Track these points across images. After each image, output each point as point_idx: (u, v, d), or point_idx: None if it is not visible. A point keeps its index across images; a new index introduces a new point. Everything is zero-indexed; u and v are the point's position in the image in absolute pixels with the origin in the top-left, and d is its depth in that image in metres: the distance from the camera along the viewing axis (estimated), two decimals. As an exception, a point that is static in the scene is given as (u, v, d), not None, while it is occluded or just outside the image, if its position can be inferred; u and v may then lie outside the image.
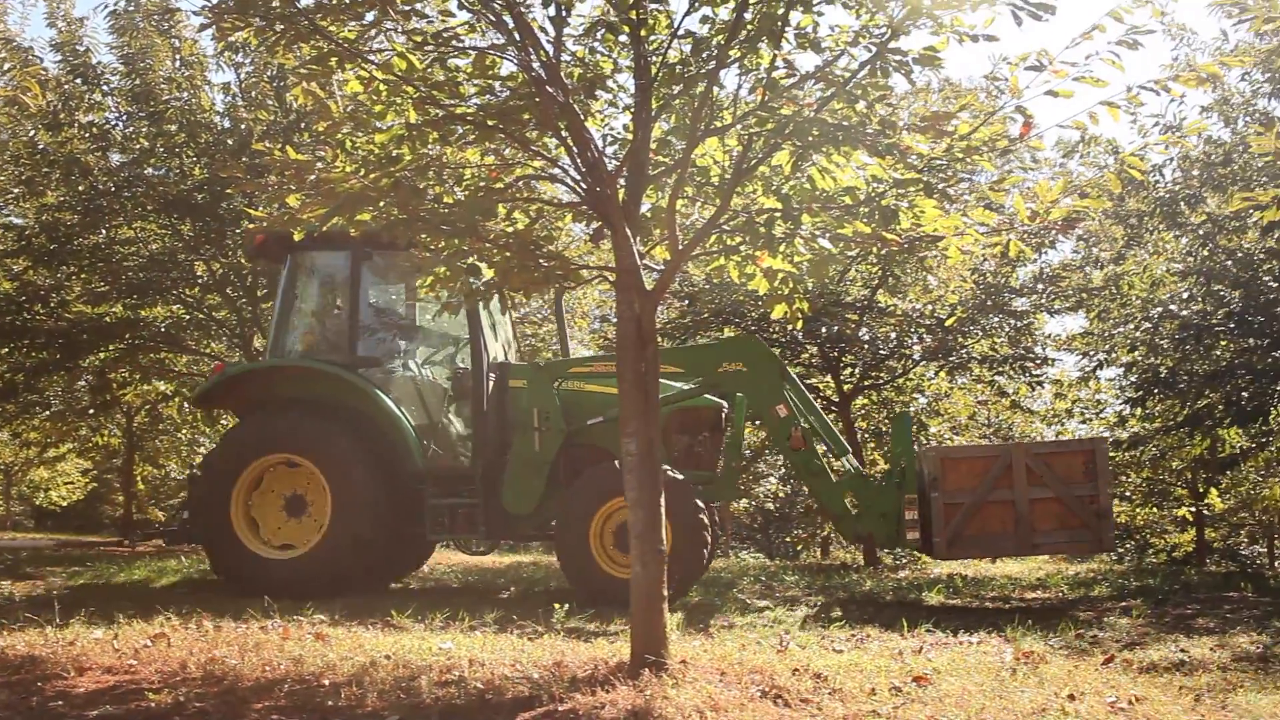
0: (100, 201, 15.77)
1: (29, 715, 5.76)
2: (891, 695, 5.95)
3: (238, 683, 6.14)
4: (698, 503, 9.72)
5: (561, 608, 8.35)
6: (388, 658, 6.50)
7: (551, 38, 6.26)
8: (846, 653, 7.29)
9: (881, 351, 15.90)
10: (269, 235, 10.56)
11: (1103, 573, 13.24)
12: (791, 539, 24.43)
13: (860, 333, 15.62)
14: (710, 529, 9.85)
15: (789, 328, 13.96)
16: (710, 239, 6.92)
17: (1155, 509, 19.76)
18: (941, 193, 6.51)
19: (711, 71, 6.21)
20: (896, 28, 5.90)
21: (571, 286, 8.48)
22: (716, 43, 6.24)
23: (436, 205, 6.60)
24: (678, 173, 6.47)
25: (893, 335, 15.90)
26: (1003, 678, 6.42)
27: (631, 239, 6.28)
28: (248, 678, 6.22)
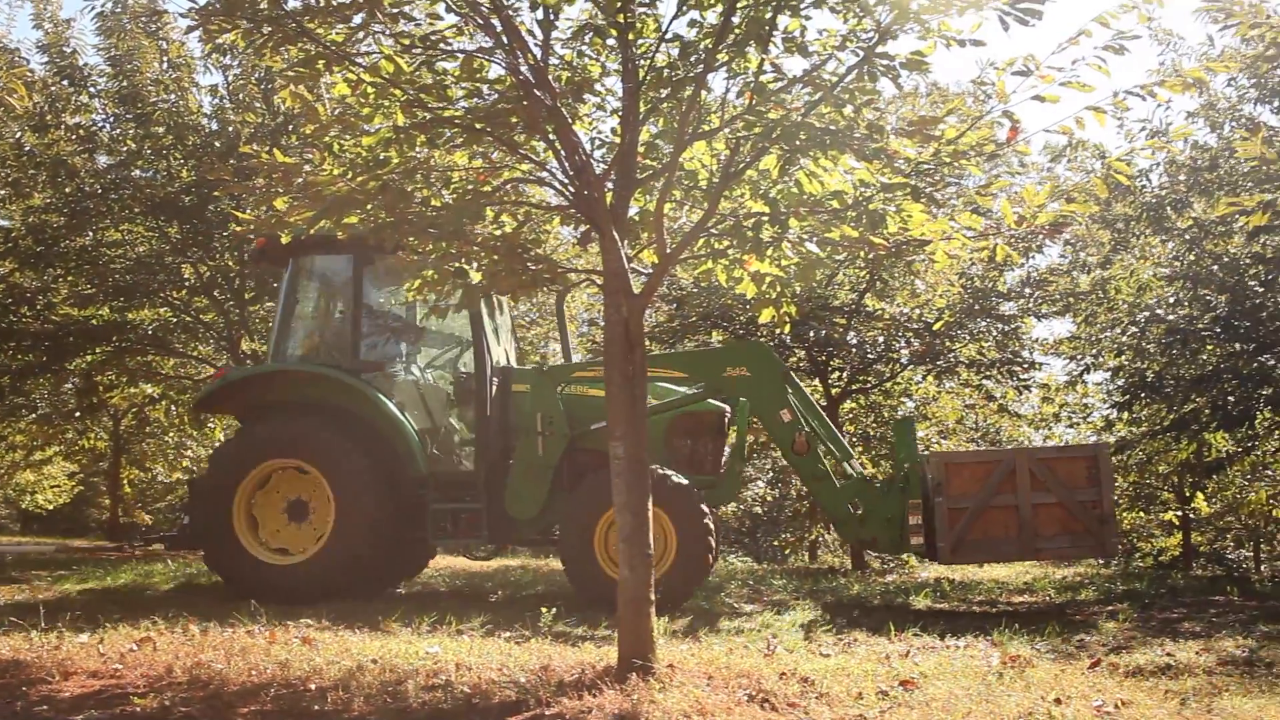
0: (87, 203, 15.75)
1: (13, 720, 5.74)
2: (878, 699, 5.95)
3: (223, 687, 6.12)
4: (702, 507, 9.71)
5: (549, 612, 8.33)
6: (374, 662, 6.48)
7: (539, 41, 6.26)
8: (834, 657, 7.28)
9: (869, 355, 15.91)
10: (270, 239, 10.50)
11: (1089, 577, 13.26)
12: (779, 543, 24.42)
13: (848, 336, 15.63)
14: (714, 534, 9.84)
15: (777, 331, 13.98)
16: (698, 242, 6.92)
17: (1142, 513, 19.81)
18: (929, 197, 6.53)
19: (699, 75, 6.21)
20: (884, 32, 5.92)
21: (559, 290, 8.47)
22: (704, 46, 6.24)
23: (424, 208, 6.60)
24: (665, 176, 6.47)
25: (880, 339, 15.91)
26: (989, 682, 6.42)
27: (619, 242, 6.28)
28: (234, 682, 6.20)
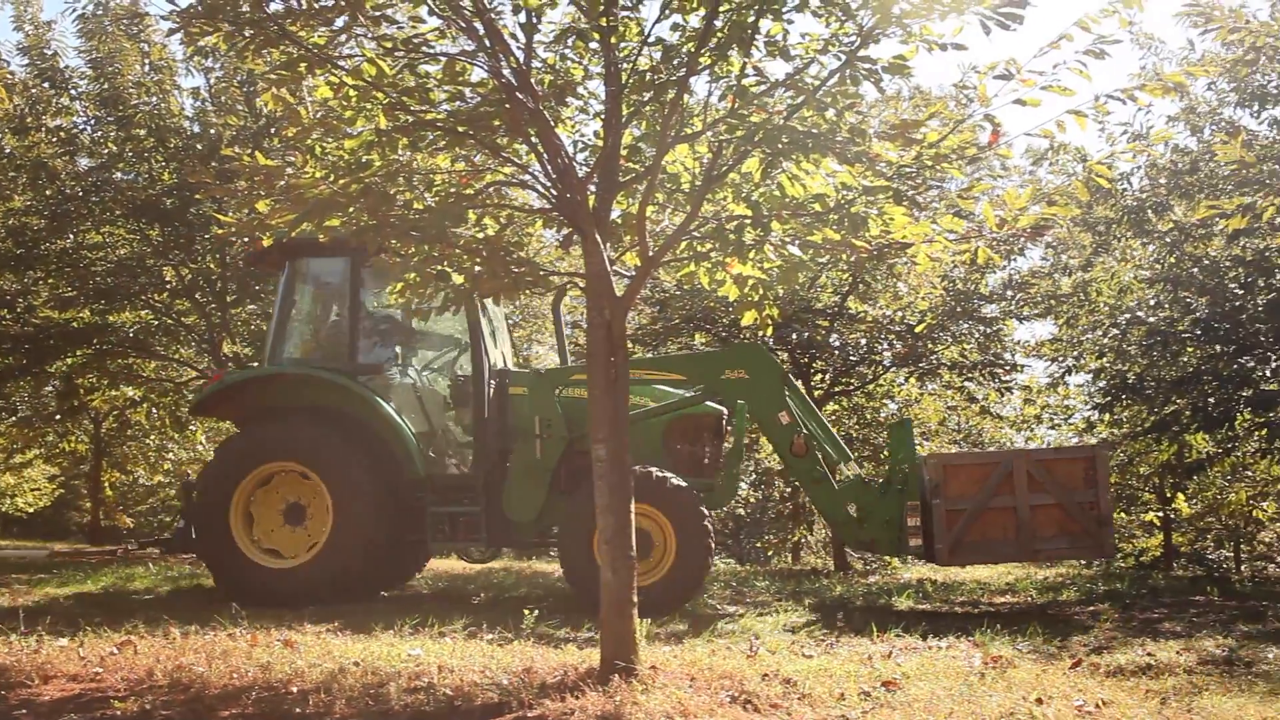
0: (68, 206, 15.69)
1: (-7, 724, 5.72)
2: (860, 700, 5.97)
3: (205, 690, 6.11)
4: (702, 510, 9.72)
5: (531, 613, 8.33)
6: (356, 664, 6.47)
7: (522, 44, 6.26)
8: (816, 658, 7.29)
9: (852, 358, 15.95)
10: (269, 242, 10.44)
11: (1071, 577, 13.31)
12: (762, 544, 24.46)
13: (830, 339, 15.66)
14: (714, 536, 9.85)
15: (759, 334, 13.99)
16: (680, 245, 6.93)
17: (1123, 514, 19.89)
18: (910, 200, 6.55)
19: (682, 79, 6.22)
20: (866, 36, 5.94)
21: (541, 293, 8.47)
22: (687, 50, 6.25)
23: (406, 211, 6.59)
24: (648, 179, 6.48)
25: (863, 341, 15.95)
26: (971, 682, 6.45)
27: (602, 245, 6.29)
28: (215, 685, 6.18)
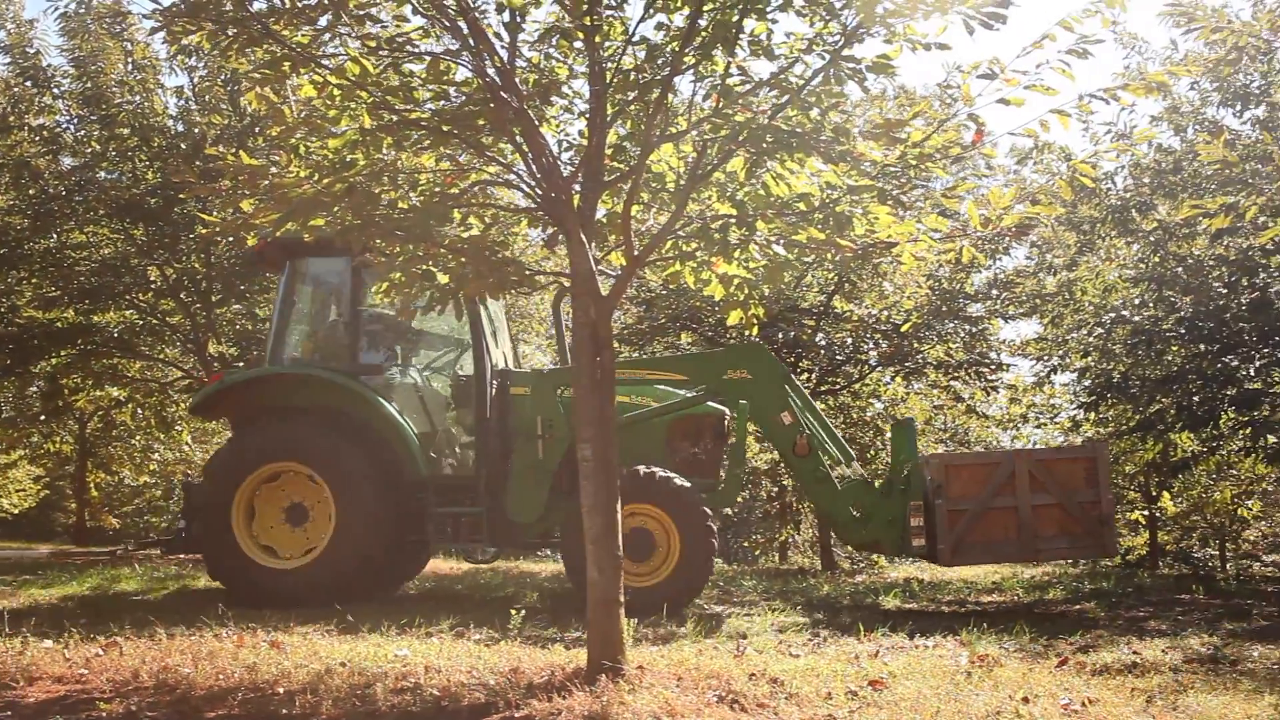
0: (51, 205, 15.64)
1: (-24, 726, 5.70)
2: (847, 699, 5.98)
3: (191, 691, 6.09)
4: (705, 510, 9.72)
5: (518, 614, 8.33)
6: (343, 665, 6.46)
7: (506, 43, 6.26)
8: (803, 657, 7.30)
9: (838, 357, 15.98)
10: (268, 242, 10.39)
11: (1057, 576, 13.35)
12: (750, 544, 24.47)
13: (816, 338, 15.68)
14: (716, 536, 9.85)
15: (745, 333, 14.00)
16: (666, 245, 6.93)
17: (1109, 512, 19.89)
18: (895, 199, 6.56)
19: (666, 78, 6.22)
20: (850, 36, 5.94)
21: (528, 292, 8.47)
22: (671, 49, 6.25)
23: (391, 210, 6.58)
24: (633, 179, 6.47)
25: (849, 341, 15.98)
26: (958, 681, 6.46)
27: (586, 244, 6.28)
28: (201, 686, 6.16)
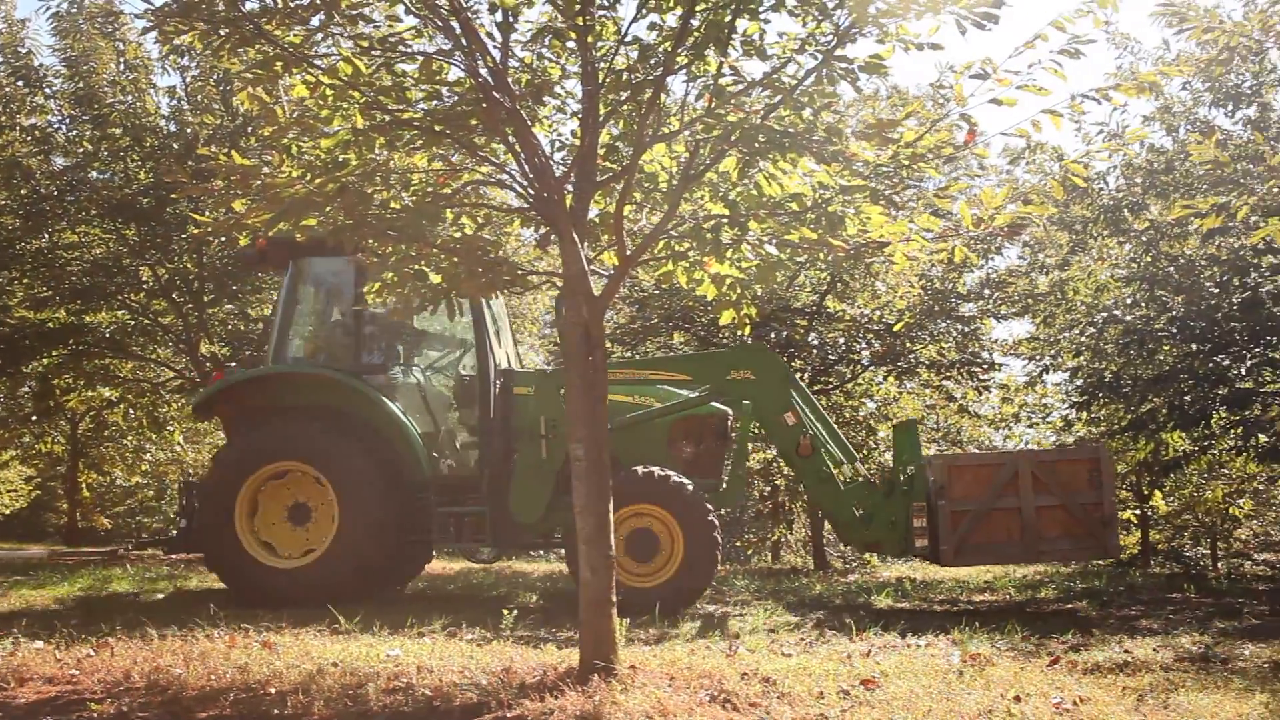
0: (43, 205, 15.60)
1: (-33, 727, 5.69)
2: (839, 698, 5.98)
3: (182, 692, 6.08)
4: (709, 510, 9.72)
5: (510, 614, 8.33)
6: (335, 665, 6.46)
7: (498, 43, 6.25)
8: (795, 656, 7.31)
9: (830, 357, 15.98)
10: (271, 241, 10.36)
11: (1049, 575, 13.37)
12: (742, 543, 24.47)
13: (809, 338, 15.69)
14: (720, 535, 9.86)
15: (737, 333, 14.00)
16: (658, 245, 6.93)
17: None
18: (887, 199, 6.57)
19: (659, 78, 6.22)
20: (842, 36, 5.95)
21: (519, 292, 8.46)
22: (664, 49, 6.25)
23: (383, 210, 6.57)
24: (625, 178, 6.48)
25: (841, 340, 15.99)
26: (949, 680, 6.47)
27: (579, 244, 6.28)
28: (192, 687, 6.16)
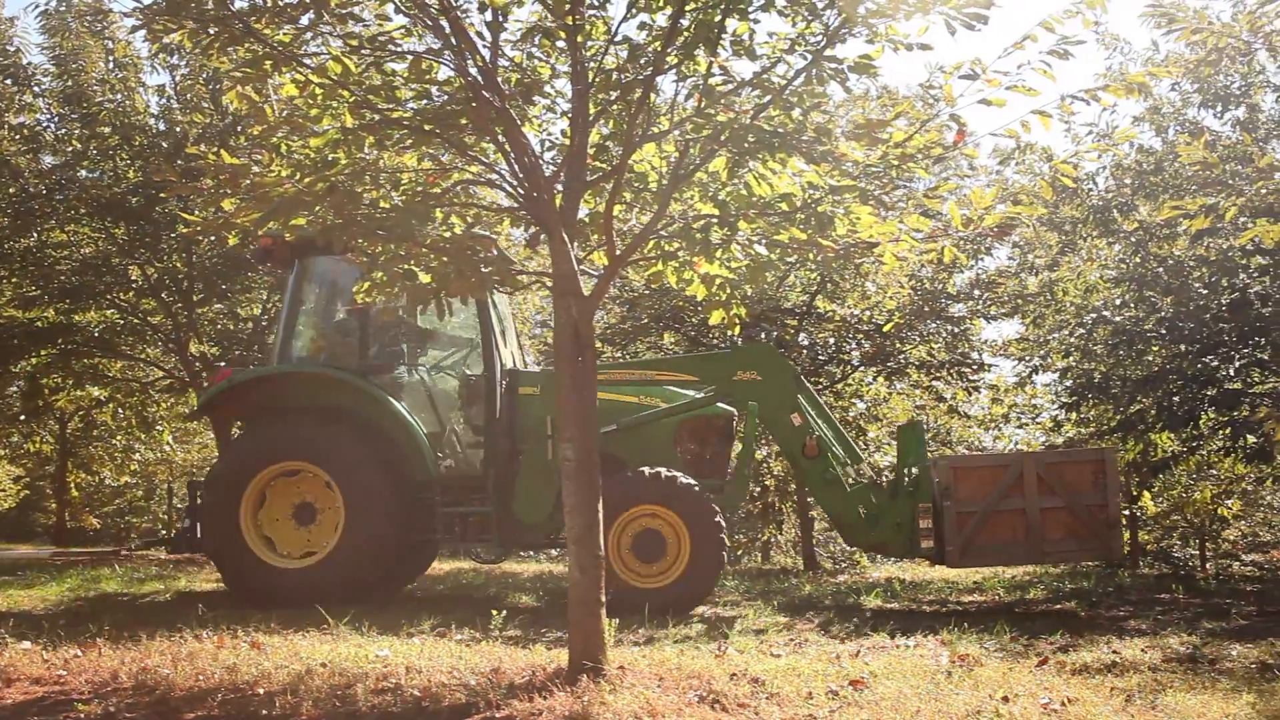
0: (31, 204, 15.55)
1: (-47, 728, 5.67)
2: (828, 699, 5.99)
3: (170, 692, 6.07)
4: (715, 510, 9.71)
5: (499, 614, 8.32)
6: (324, 666, 6.44)
7: (488, 43, 6.25)
8: (784, 657, 7.31)
9: (820, 357, 16.00)
10: (277, 240, 10.31)
11: (1038, 576, 13.38)
12: (732, 544, 24.47)
13: (799, 338, 15.70)
14: (726, 536, 9.85)
15: (727, 333, 14.02)
16: (648, 244, 6.93)
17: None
18: (877, 199, 6.57)
19: (648, 78, 6.22)
20: (832, 36, 5.95)
21: (509, 291, 8.46)
22: (653, 49, 6.25)
23: (373, 210, 6.56)
24: (615, 178, 6.47)
25: (831, 341, 16.00)
26: (938, 680, 6.48)
27: (568, 244, 6.28)
28: (180, 687, 6.15)
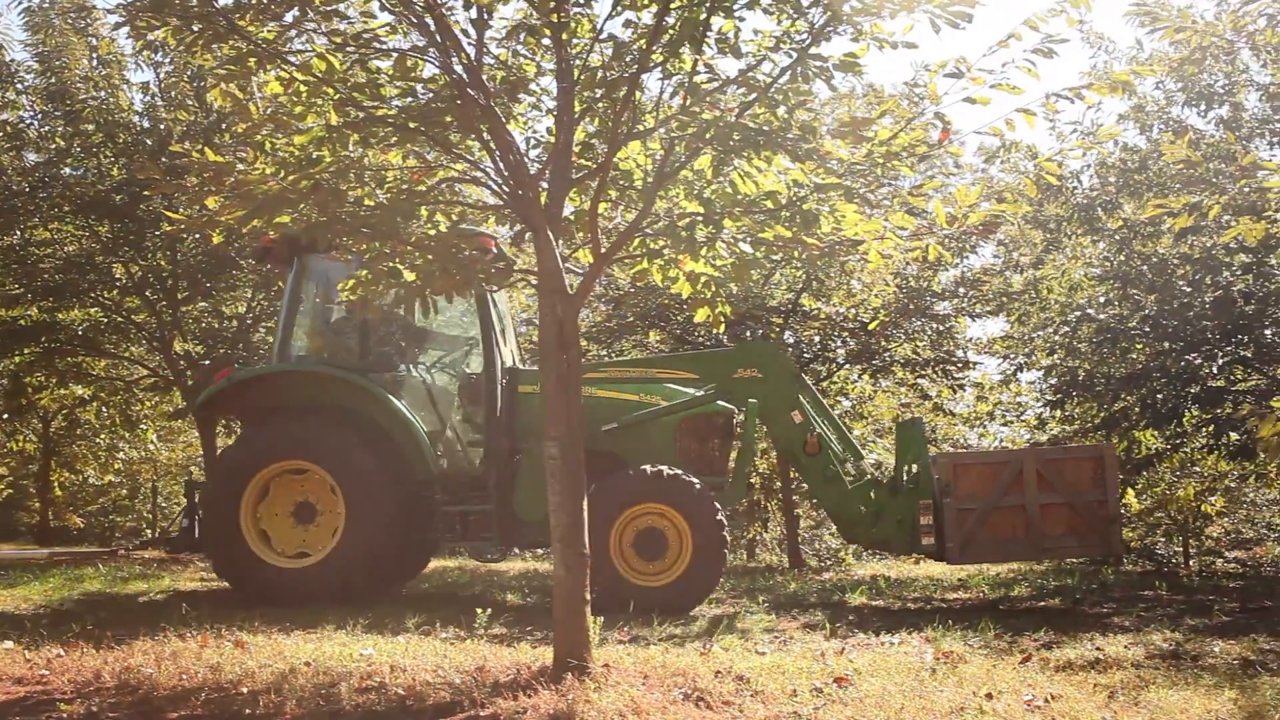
0: (15, 202, 15.49)
1: (-65, 728, 5.65)
2: (813, 696, 5.99)
3: (153, 692, 6.06)
4: (717, 508, 9.72)
5: (484, 613, 8.31)
6: (308, 664, 6.44)
7: (473, 40, 6.25)
8: (769, 654, 7.32)
9: (806, 355, 16.01)
10: (277, 238, 10.26)
11: (1022, 573, 13.42)
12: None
13: (785, 336, 15.71)
14: (728, 534, 9.85)
15: (713, 331, 14.02)
16: (633, 242, 6.93)
17: (1074, 509, 19.98)
18: (862, 198, 6.58)
19: (634, 75, 6.22)
20: (817, 34, 5.96)
21: (494, 290, 8.46)
22: (638, 47, 6.25)
23: (357, 208, 6.55)
24: (600, 176, 6.48)
25: (817, 339, 16.02)
26: (922, 677, 6.49)
27: (554, 242, 6.28)
28: (164, 686, 6.13)
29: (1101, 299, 14.94)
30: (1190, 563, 13.91)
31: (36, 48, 15.60)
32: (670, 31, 6.06)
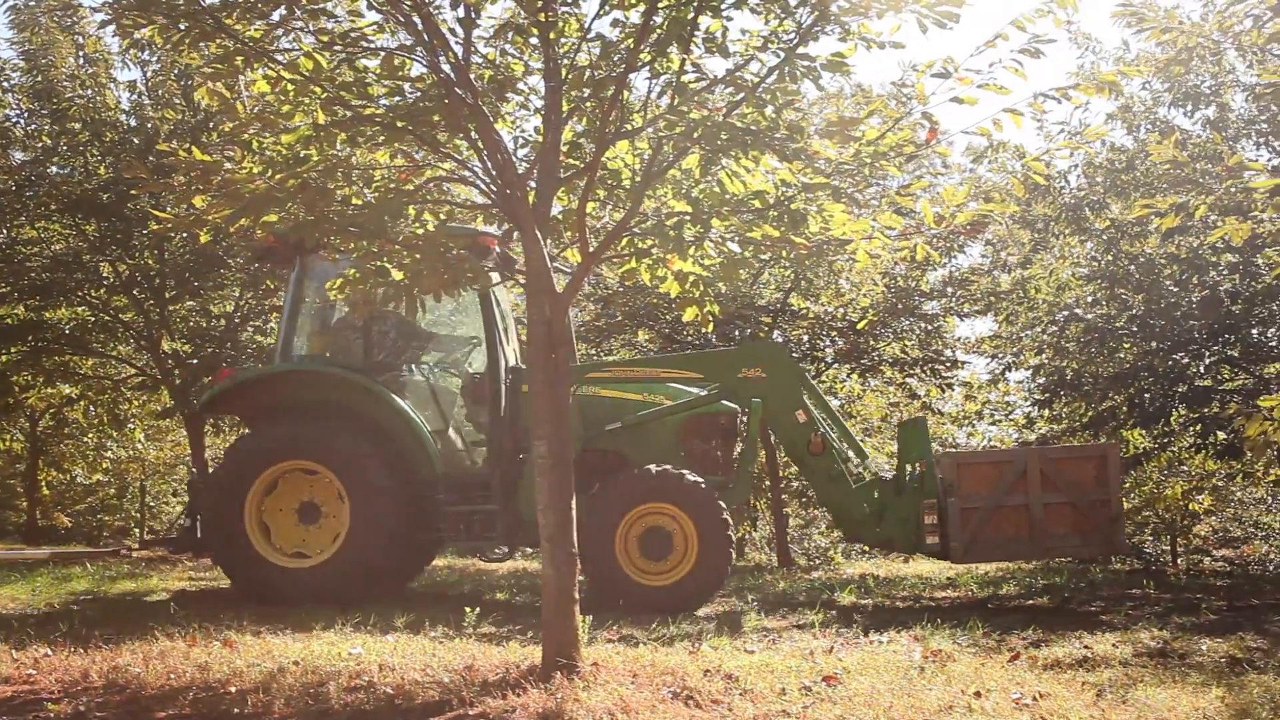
0: (1, 200, 15.42)
1: (-79, 728, 5.63)
2: (801, 695, 6.01)
3: (141, 691, 6.05)
4: (722, 508, 9.71)
5: (472, 611, 8.31)
6: (296, 664, 6.43)
7: (461, 39, 6.25)
8: (758, 653, 7.33)
9: (794, 354, 16.01)
10: (279, 238, 10.23)
11: (1011, 572, 13.44)
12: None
13: (773, 335, 15.72)
14: (734, 533, 9.85)
15: (701, 330, 14.02)
16: (621, 242, 6.93)
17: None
18: (850, 197, 6.60)
19: (621, 75, 6.22)
20: (805, 33, 5.97)
21: (480, 289, 8.45)
22: (626, 46, 6.25)
23: (345, 207, 6.55)
24: (588, 175, 6.49)
25: (805, 338, 16.03)
26: (911, 676, 6.50)
27: (541, 241, 6.28)
28: (152, 686, 6.12)
29: (1089, 298, 14.98)
30: (1178, 561, 13.95)
31: (22, 46, 15.52)
32: (658, 31, 6.06)
